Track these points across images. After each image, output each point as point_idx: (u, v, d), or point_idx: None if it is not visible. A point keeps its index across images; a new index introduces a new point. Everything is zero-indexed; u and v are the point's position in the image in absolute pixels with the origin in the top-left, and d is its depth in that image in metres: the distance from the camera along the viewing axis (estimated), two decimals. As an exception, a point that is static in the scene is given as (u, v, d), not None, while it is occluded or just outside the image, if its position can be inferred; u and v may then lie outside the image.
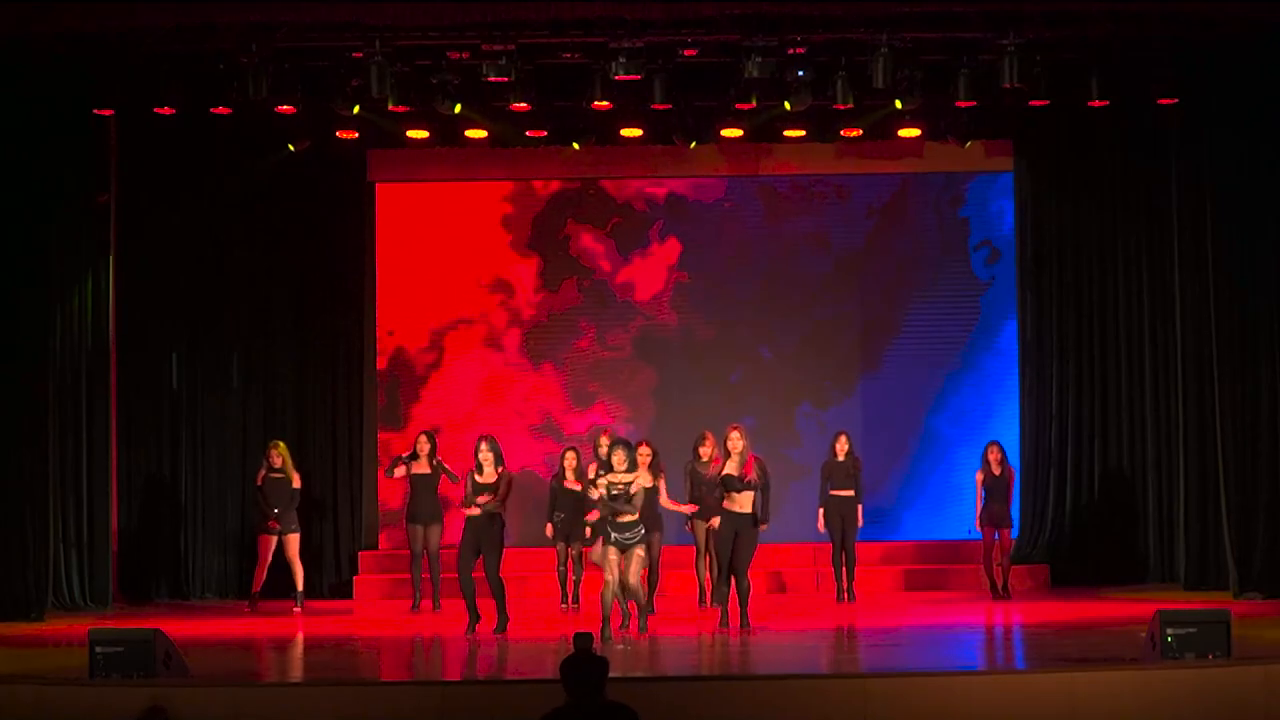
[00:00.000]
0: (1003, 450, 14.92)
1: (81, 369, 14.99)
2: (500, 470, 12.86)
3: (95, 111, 14.44)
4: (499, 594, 12.70)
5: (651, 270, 16.84)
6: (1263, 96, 14.19)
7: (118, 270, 15.49)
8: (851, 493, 14.60)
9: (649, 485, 12.95)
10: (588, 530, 13.59)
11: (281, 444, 14.96)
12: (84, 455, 14.98)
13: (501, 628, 12.64)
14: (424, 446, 14.66)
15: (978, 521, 14.80)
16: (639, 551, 12.17)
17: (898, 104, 13.97)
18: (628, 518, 12.13)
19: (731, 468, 12.70)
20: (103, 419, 15.17)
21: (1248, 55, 13.88)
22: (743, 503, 12.64)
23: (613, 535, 12.15)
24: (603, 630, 11.85)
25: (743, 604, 12.55)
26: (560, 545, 14.37)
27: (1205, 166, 14.78)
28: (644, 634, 12.33)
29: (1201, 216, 14.82)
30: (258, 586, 14.80)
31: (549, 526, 14.39)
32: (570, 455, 14.55)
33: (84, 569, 14.93)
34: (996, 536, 14.71)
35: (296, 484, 14.79)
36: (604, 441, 13.55)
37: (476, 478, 12.88)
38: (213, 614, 14.61)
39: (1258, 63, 13.96)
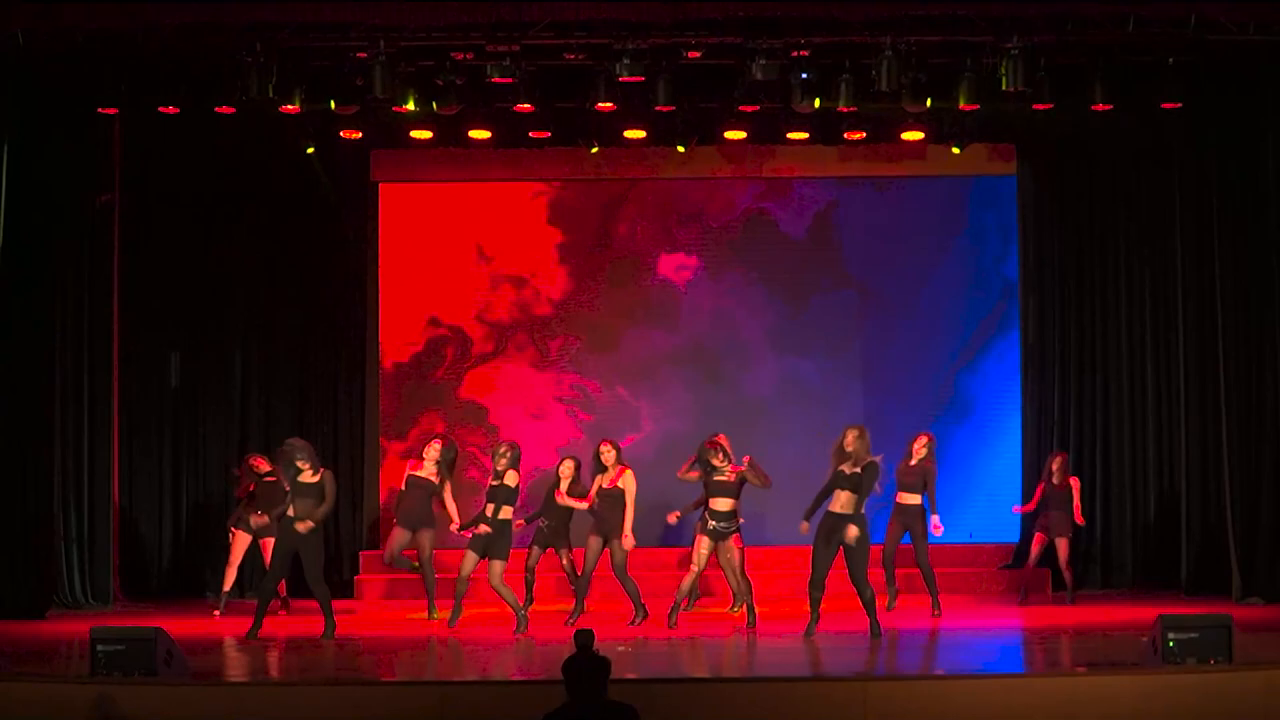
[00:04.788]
0: (1065, 460, 14.88)
1: (84, 368, 15.01)
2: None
3: (99, 111, 14.44)
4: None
5: (660, 272, 16.84)
6: (1267, 100, 14.19)
7: (121, 269, 15.49)
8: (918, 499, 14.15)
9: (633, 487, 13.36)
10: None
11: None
12: (86, 453, 15.00)
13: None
14: (432, 452, 14.12)
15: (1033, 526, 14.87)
16: (730, 543, 12.93)
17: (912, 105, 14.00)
18: (728, 505, 12.83)
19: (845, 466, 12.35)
20: (105, 417, 15.18)
21: (1252, 59, 13.88)
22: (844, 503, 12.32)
23: (710, 524, 12.86)
24: (671, 613, 12.90)
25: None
26: (535, 550, 14.19)
27: (1209, 170, 14.79)
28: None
29: (1205, 221, 14.84)
30: (229, 585, 14.73)
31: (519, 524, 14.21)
32: (568, 465, 14.05)
33: (86, 567, 14.94)
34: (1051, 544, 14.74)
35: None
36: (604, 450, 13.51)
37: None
38: (228, 610, 14.56)
39: (1262, 67, 13.95)
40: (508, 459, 12.99)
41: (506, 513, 12.98)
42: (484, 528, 12.83)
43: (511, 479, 12.95)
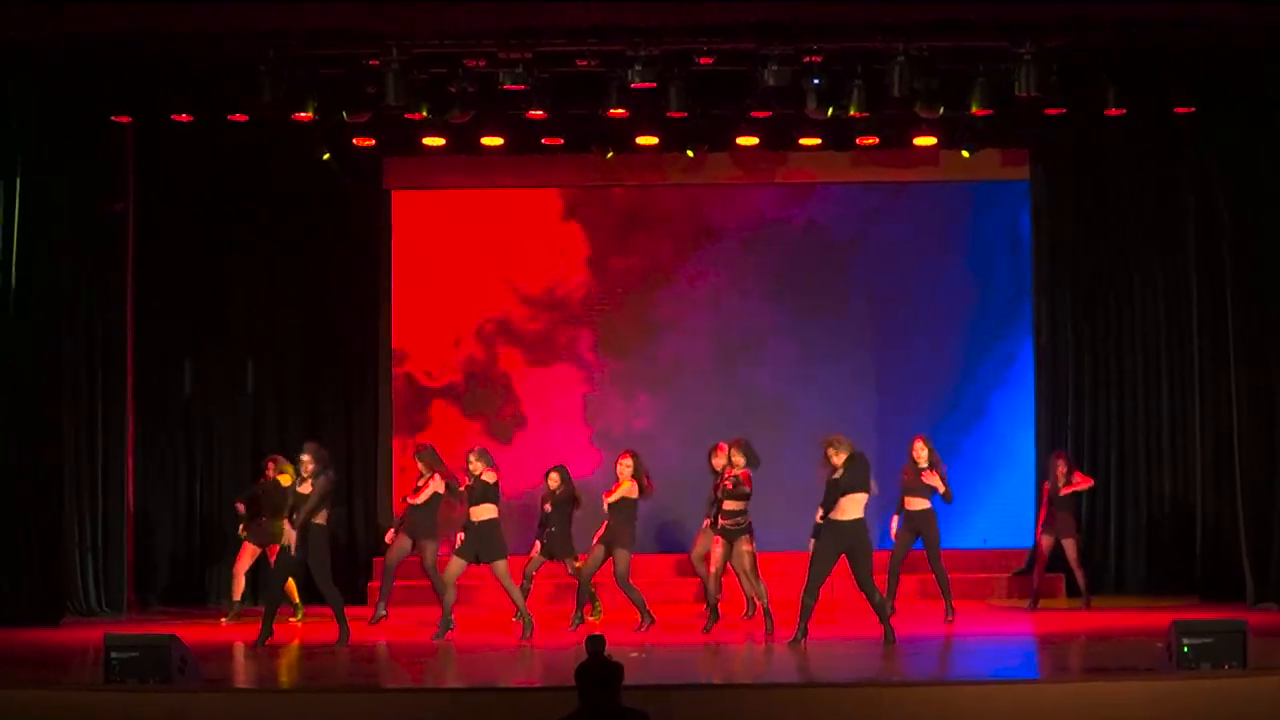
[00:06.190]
0: (1069, 463, 14.89)
1: (97, 376, 15.03)
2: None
3: (113, 119, 14.47)
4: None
5: (673, 278, 16.84)
6: (1278, 102, 14.18)
7: (134, 277, 15.53)
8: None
9: (633, 496, 13.43)
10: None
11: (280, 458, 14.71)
12: (99, 462, 15.01)
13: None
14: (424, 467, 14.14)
15: (1039, 531, 14.84)
16: (742, 546, 13.07)
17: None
18: (734, 506, 13.03)
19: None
20: (119, 425, 15.21)
21: (1264, 63, 13.86)
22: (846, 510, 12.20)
23: (720, 523, 13.10)
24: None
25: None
26: (540, 558, 14.11)
27: (1221, 172, 14.79)
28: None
29: (1218, 225, 14.84)
30: (239, 593, 14.74)
31: (536, 545, 14.09)
32: (554, 476, 14.10)
33: (100, 575, 14.96)
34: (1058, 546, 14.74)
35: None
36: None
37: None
38: (240, 619, 14.53)
39: (1273, 70, 13.93)
40: (482, 462, 13.06)
41: (488, 512, 12.99)
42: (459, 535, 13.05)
43: (490, 476, 13.04)
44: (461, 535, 13.19)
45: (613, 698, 7.24)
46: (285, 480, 14.10)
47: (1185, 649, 10.06)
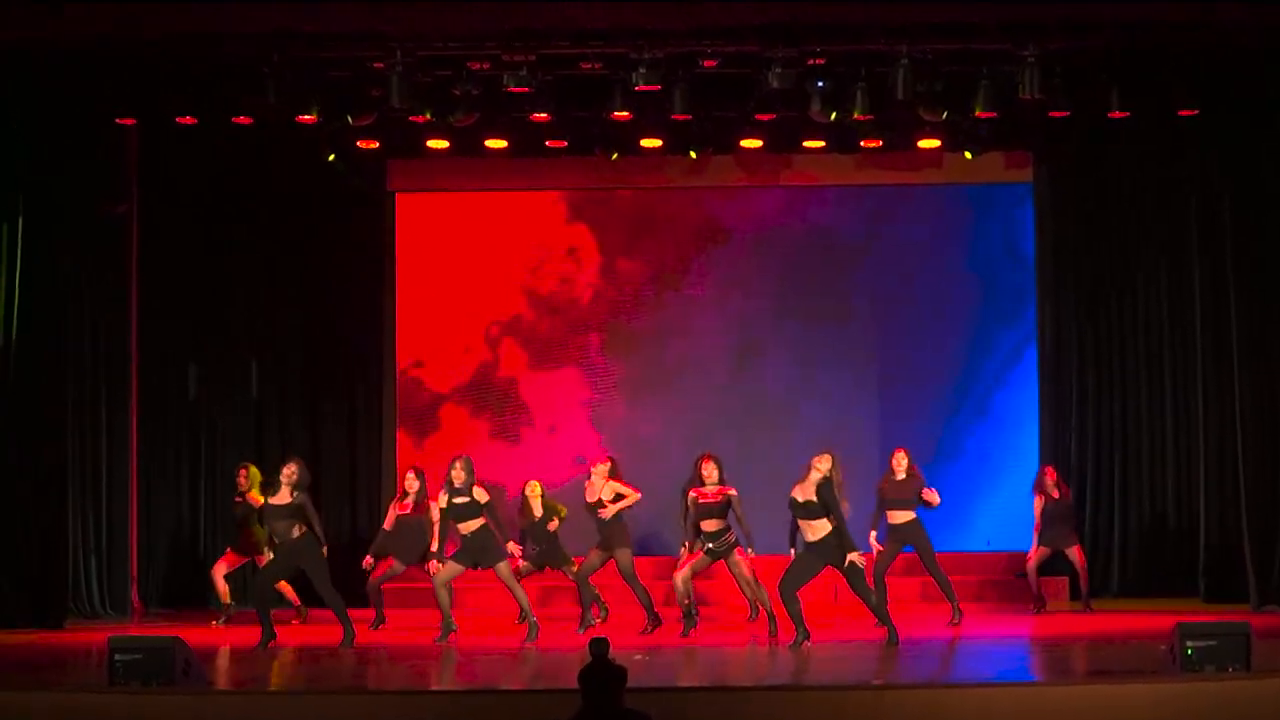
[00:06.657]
0: (1058, 472, 14.87)
1: (101, 378, 15.06)
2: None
3: (117, 121, 14.48)
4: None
5: (677, 280, 16.84)
6: (1279, 104, 14.18)
7: (136, 278, 15.55)
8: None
9: (627, 504, 13.49)
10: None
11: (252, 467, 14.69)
12: (104, 464, 15.04)
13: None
14: (413, 485, 14.11)
15: (1035, 543, 14.74)
16: (736, 557, 12.97)
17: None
18: (714, 525, 12.90)
19: (799, 492, 12.29)
20: (122, 428, 15.23)
21: (1265, 64, 13.86)
22: (815, 530, 12.22)
23: (707, 545, 12.96)
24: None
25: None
26: (528, 566, 14.02)
27: (1223, 175, 14.79)
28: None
29: (1220, 226, 14.84)
30: (226, 596, 14.70)
31: (518, 560, 13.85)
32: (533, 486, 14.11)
33: (104, 578, 14.98)
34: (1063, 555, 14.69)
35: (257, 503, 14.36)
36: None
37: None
38: (231, 622, 14.59)
39: (1274, 71, 13.92)
40: (466, 473, 12.88)
41: (477, 523, 12.89)
42: (435, 565, 12.99)
43: (482, 496, 12.91)
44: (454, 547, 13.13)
45: (616, 700, 7.25)
46: (252, 499, 14.18)
47: (1189, 651, 10.05)
